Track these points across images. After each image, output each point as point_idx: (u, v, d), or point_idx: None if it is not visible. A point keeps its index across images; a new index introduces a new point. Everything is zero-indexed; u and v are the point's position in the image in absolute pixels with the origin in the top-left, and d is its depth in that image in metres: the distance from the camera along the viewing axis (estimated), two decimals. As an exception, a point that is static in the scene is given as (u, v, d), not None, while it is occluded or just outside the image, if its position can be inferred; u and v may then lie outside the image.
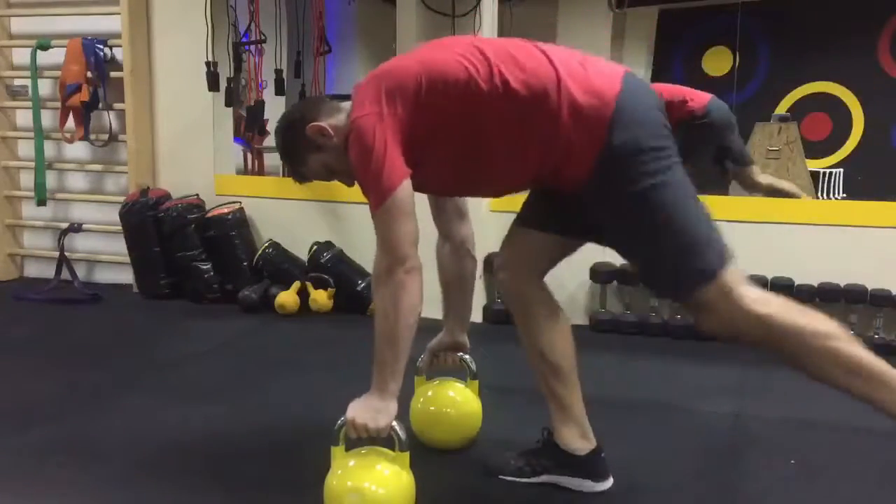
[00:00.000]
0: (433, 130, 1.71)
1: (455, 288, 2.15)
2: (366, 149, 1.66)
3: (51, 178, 4.25)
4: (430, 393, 2.19)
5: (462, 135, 1.71)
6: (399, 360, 1.67)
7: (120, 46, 3.99)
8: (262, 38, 4.66)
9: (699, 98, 3.59)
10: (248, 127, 5.21)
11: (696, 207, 1.68)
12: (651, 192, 1.62)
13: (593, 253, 3.54)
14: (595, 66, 1.70)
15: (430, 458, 2.09)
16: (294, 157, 1.87)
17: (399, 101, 1.67)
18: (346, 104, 1.83)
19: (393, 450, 1.71)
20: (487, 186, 1.94)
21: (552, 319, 2.00)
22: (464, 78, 1.66)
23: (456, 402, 2.17)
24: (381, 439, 1.71)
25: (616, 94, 1.63)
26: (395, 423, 1.69)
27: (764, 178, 3.98)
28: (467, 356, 2.20)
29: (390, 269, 1.65)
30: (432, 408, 2.17)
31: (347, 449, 1.75)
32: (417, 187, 1.74)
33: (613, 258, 3.50)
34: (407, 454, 1.70)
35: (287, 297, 3.69)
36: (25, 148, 4.34)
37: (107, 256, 4.25)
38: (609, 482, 1.96)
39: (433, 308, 2.14)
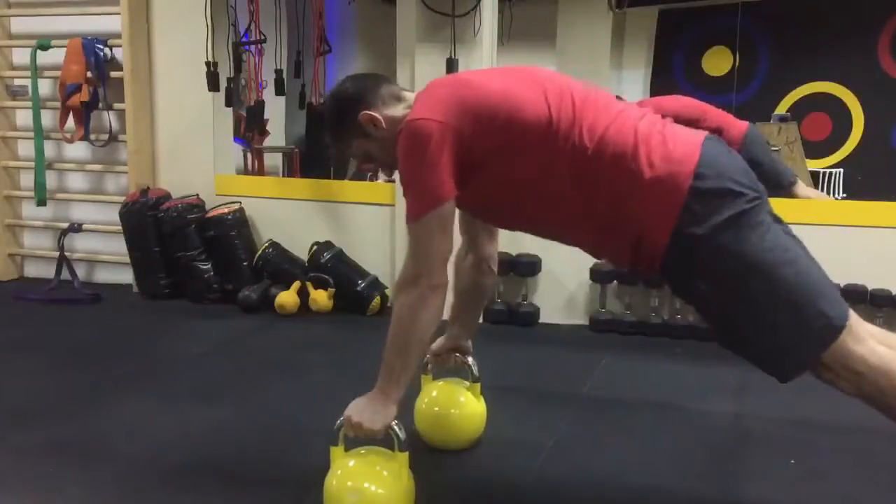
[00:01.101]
0: (493, 160, 1.66)
1: (468, 299, 2.14)
2: (420, 154, 1.61)
3: (51, 178, 4.25)
4: (434, 393, 2.19)
5: (520, 175, 1.67)
6: (406, 371, 1.67)
7: (120, 46, 3.99)
8: (262, 38, 4.66)
9: (737, 128, 3.51)
10: (248, 127, 5.21)
11: (796, 265, 1.58)
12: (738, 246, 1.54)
13: (593, 253, 3.57)
14: (674, 134, 1.63)
15: (431, 459, 2.09)
16: (338, 135, 1.83)
17: (470, 119, 1.62)
18: (408, 95, 1.80)
19: (392, 450, 1.71)
20: (526, 226, 1.89)
21: None
22: (544, 126, 1.60)
23: (460, 403, 2.17)
24: (380, 439, 1.71)
25: (695, 163, 1.56)
26: (394, 424, 1.69)
27: (808, 192, 3.87)
28: (470, 358, 2.20)
29: (416, 279, 1.63)
30: (436, 408, 2.17)
31: (347, 449, 1.75)
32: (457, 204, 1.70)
33: (613, 258, 3.52)
34: (406, 454, 1.70)
35: (287, 297, 3.69)
36: (25, 148, 4.34)
37: (107, 256, 4.25)
38: None
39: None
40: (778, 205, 3.64)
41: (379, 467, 1.69)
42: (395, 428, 1.69)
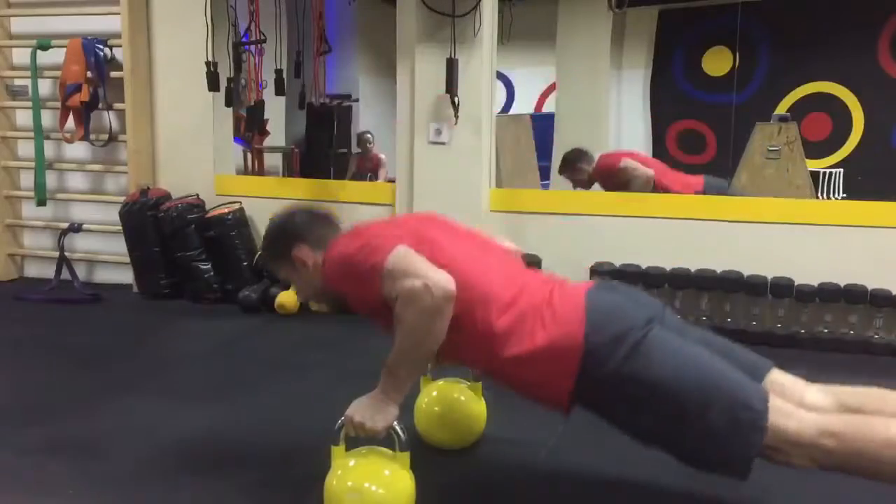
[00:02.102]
0: None
1: None
2: (350, 252, 1.72)
3: (51, 178, 4.25)
4: (434, 393, 2.19)
5: None
6: (410, 378, 1.71)
7: (120, 46, 3.99)
8: (262, 38, 4.66)
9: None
10: (248, 127, 5.21)
11: (694, 361, 1.68)
12: (637, 368, 1.65)
13: (593, 253, 3.58)
14: (562, 292, 1.74)
15: (431, 459, 2.09)
16: (271, 257, 1.97)
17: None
18: (332, 234, 1.88)
19: (393, 450, 1.71)
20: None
21: None
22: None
23: (460, 402, 2.17)
24: (381, 439, 1.71)
25: (582, 320, 1.67)
26: (395, 424, 1.69)
27: None
28: None
29: (424, 291, 1.59)
30: (437, 408, 2.17)
31: (348, 449, 1.75)
32: None
33: (613, 258, 3.52)
34: (407, 454, 1.70)
35: (287, 297, 3.69)
36: (25, 148, 4.34)
37: (107, 256, 4.25)
38: None
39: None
40: (778, 206, 3.65)
41: (380, 467, 1.70)
42: (397, 428, 1.69)
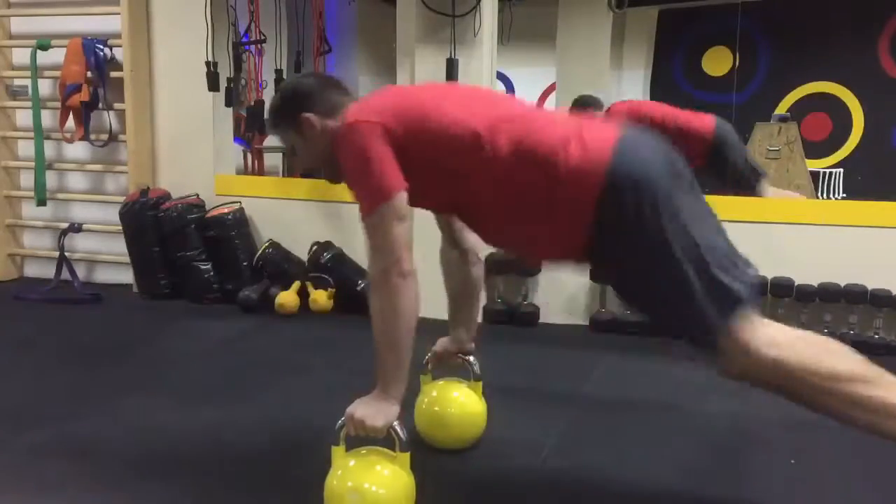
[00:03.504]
0: (424, 164, 1.72)
1: (462, 296, 2.16)
2: (363, 152, 1.66)
3: (51, 178, 4.26)
4: (434, 393, 2.19)
5: (452, 186, 1.75)
6: (401, 366, 1.68)
7: (120, 46, 3.99)
8: (262, 38, 4.66)
9: (704, 128, 3.69)
10: (248, 127, 5.21)
11: (705, 247, 1.62)
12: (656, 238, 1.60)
13: (593, 253, 3.56)
14: (590, 131, 1.70)
15: (430, 458, 2.09)
16: (276, 122, 1.91)
17: (403, 125, 1.68)
18: (346, 100, 1.84)
19: (393, 450, 1.71)
20: (477, 231, 1.93)
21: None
22: (469, 142, 1.68)
23: (460, 402, 2.17)
24: (381, 439, 1.71)
25: (609, 156, 1.63)
26: (395, 424, 1.69)
27: (777, 192, 3.92)
28: (471, 357, 2.20)
29: (386, 273, 1.64)
30: (436, 408, 2.17)
31: (348, 449, 1.75)
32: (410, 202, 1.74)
33: (613, 258, 3.52)
34: (407, 454, 1.70)
35: (287, 297, 3.69)
36: (25, 148, 4.34)
37: (107, 256, 4.25)
38: None
39: (437, 308, 2.14)
40: (778, 206, 3.66)
41: (380, 467, 1.69)
42: (397, 428, 1.69)
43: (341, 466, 1.71)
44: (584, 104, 4.19)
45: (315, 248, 3.84)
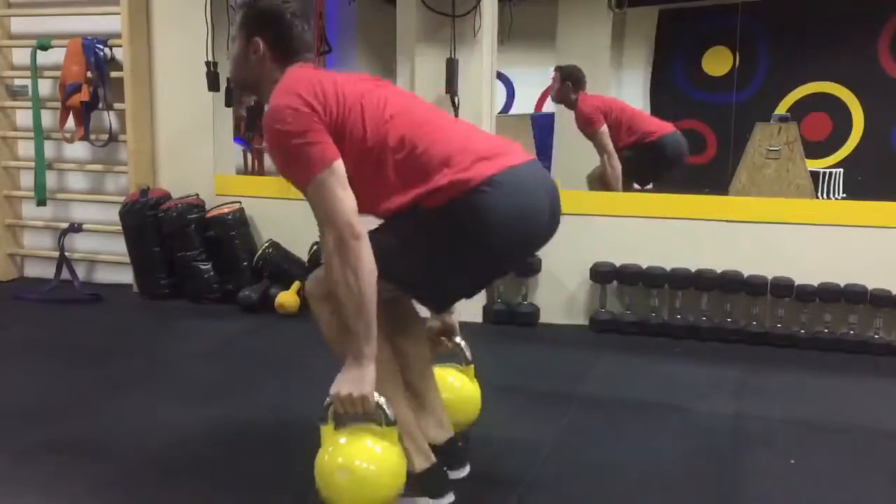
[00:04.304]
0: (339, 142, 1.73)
1: None
2: (291, 130, 1.67)
3: (51, 178, 4.25)
4: None
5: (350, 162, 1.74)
6: (370, 326, 1.66)
7: (120, 46, 3.99)
8: (263, 38, 4.65)
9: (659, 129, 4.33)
10: (248, 127, 5.22)
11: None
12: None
13: (593, 253, 3.59)
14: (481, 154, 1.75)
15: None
16: (239, 24, 1.92)
17: (320, 101, 1.69)
18: (298, 60, 1.85)
19: (381, 426, 1.70)
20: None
21: (405, 310, 2.01)
22: (361, 132, 1.73)
23: (454, 387, 2.15)
24: (368, 415, 1.68)
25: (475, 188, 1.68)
26: (382, 400, 1.67)
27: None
28: (462, 341, 2.19)
29: (340, 239, 1.64)
30: None
31: (336, 428, 1.73)
32: None
33: (613, 258, 3.52)
34: (395, 429, 1.69)
35: (287, 297, 3.69)
36: (25, 148, 4.34)
37: (107, 256, 4.25)
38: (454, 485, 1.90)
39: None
40: (779, 206, 3.66)
41: (369, 443, 1.68)
42: (383, 404, 1.67)
43: (331, 444, 1.70)
44: (566, 76, 4.38)
45: (315, 248, 3.84)
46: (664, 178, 4.53)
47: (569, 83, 4.37)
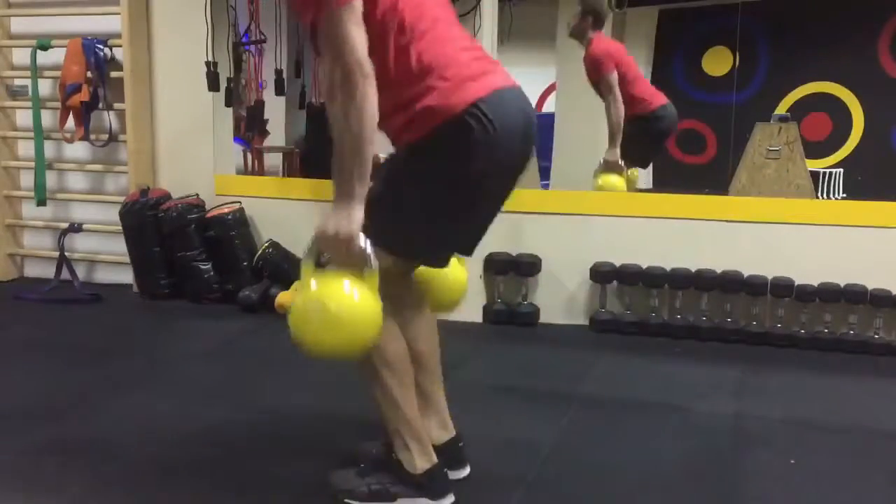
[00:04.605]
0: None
1: None
2: None
3: (51, 178, 4.25)
4: None
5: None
6: (363, 169, 1.63)
7: (120, 46, 3.99)
8: (262, 38, 4.66)
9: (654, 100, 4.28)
10: (248, 127, 5.21)
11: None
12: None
13: (593, 253, 3.59)
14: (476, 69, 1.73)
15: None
16: None
17: None
18: None
19: (363, 273, 1.66)
20: None
21: (417, 309, 1.98)
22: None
23: (443, 271, 2.04)
24: (352, 257, 1.65)
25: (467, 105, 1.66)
26: (367, 245, 1.64)
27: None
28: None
29: (348, 74, 1.58)
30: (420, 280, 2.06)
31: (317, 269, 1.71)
32: None
33: (613, 258, 3.52)
34: (376, 276, 1.65)
35: (287, 297, 3.69)
36: (25, 148, 4.34)
37: (107, 256, 4.25)
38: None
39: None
40: (779, 206, 3.65)
41: (347, 285, 1.63)
42: (368, 249, 1.64)
43: (308, 280, 1.67)
44: (588, 9, 4.35)
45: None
46: (659, 153, 4.59)
47: (589, 18, 4.29)
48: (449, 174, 1.70)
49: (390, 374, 1.78)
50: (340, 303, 1.62)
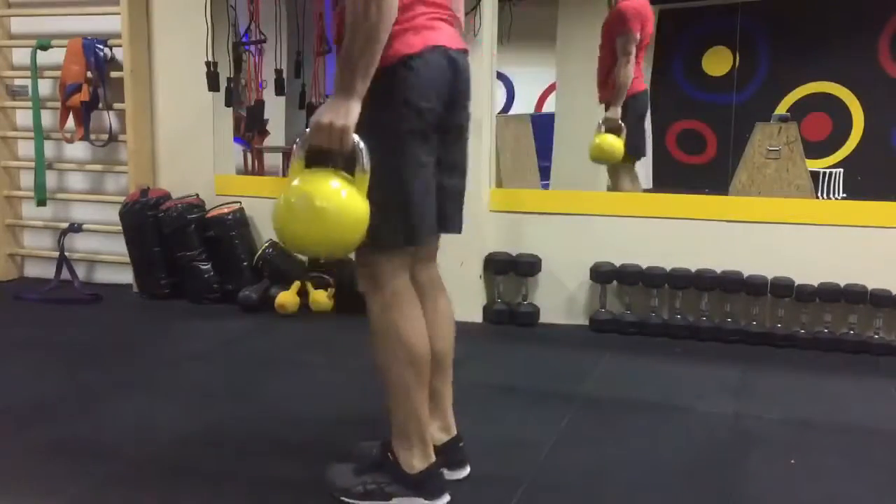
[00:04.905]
0: None
1: None
2: None
3: (51, 178, 4.26)
4: None
5: None
6: (373, 60, 1.61)
7: (120, 46, 3.99)
8: (262, 38, 4.66)
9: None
10: (248, 127, 5.22)
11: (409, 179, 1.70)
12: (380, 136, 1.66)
13: (593, 253, 3.58)
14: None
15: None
16: None
17: None
18: None
19: (353, 174, 1.64)
20: None
21: (434, 306, 1.96)
22: None
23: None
24: (344, 151, 1.62)
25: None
26: (361, 144, 1.62)
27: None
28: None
29: None
30: None
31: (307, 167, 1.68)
32: None
33: (613, 258, 3.52)
34: (366, 177, 1.63)
35: (287, 297, 3.69)
36: (25, 148, 4.34)
37: (107, 256, 4.25)
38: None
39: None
40: (779, 206, 3.66)
41: (336, 183, 1.61)
42: (362, 147, 1.62)
43: (296, 176, 1.64)
44: None
45: (315, 248, 3.83)
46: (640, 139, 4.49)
47: None
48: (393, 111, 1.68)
49: (414, 374, 1.76)
50: (327, 199, 1.59)
